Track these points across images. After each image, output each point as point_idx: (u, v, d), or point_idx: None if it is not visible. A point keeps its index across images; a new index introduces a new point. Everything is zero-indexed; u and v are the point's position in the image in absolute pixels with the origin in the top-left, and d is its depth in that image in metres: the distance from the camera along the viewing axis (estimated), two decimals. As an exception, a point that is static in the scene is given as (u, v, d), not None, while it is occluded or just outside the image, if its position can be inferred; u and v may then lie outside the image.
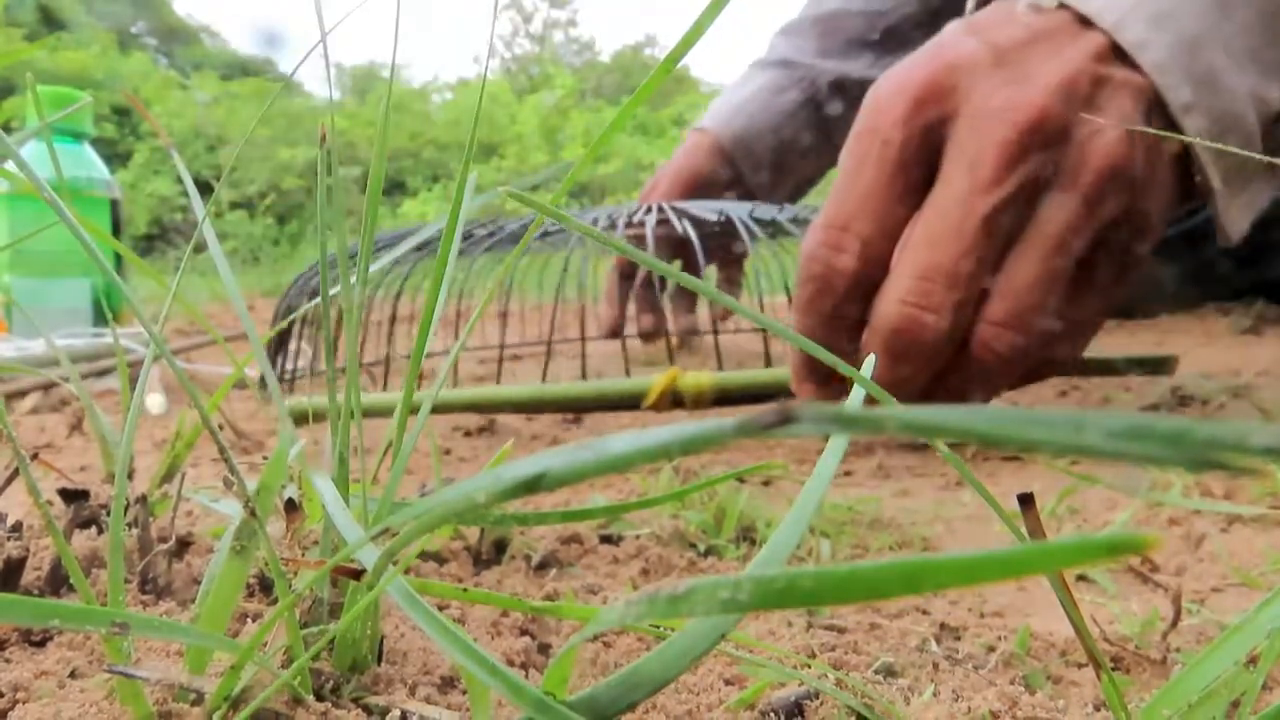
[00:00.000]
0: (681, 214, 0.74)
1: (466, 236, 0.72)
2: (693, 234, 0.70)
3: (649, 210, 0.77)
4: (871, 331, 0.54)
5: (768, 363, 0.66)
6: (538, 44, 10.64)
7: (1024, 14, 0.55)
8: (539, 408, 0.62)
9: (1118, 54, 0.53)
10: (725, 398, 0.62)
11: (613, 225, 0.72)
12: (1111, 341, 1.04)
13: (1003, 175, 0.51)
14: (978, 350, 0.53)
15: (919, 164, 0.54)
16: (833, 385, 0.58)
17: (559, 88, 7.23)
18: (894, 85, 0.55)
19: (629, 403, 0.62)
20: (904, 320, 0.52)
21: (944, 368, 0.54)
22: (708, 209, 0.76)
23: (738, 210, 0.74)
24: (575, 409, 0.64)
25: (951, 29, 0.57)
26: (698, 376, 0.60)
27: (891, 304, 0.52)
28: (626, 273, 1.08)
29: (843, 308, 0.55)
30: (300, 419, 0.56)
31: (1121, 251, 0.55)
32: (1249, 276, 1.14)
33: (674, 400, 0.61)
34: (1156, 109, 0.52)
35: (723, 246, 0.71)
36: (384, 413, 0.57)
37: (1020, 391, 0.74)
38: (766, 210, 0.77)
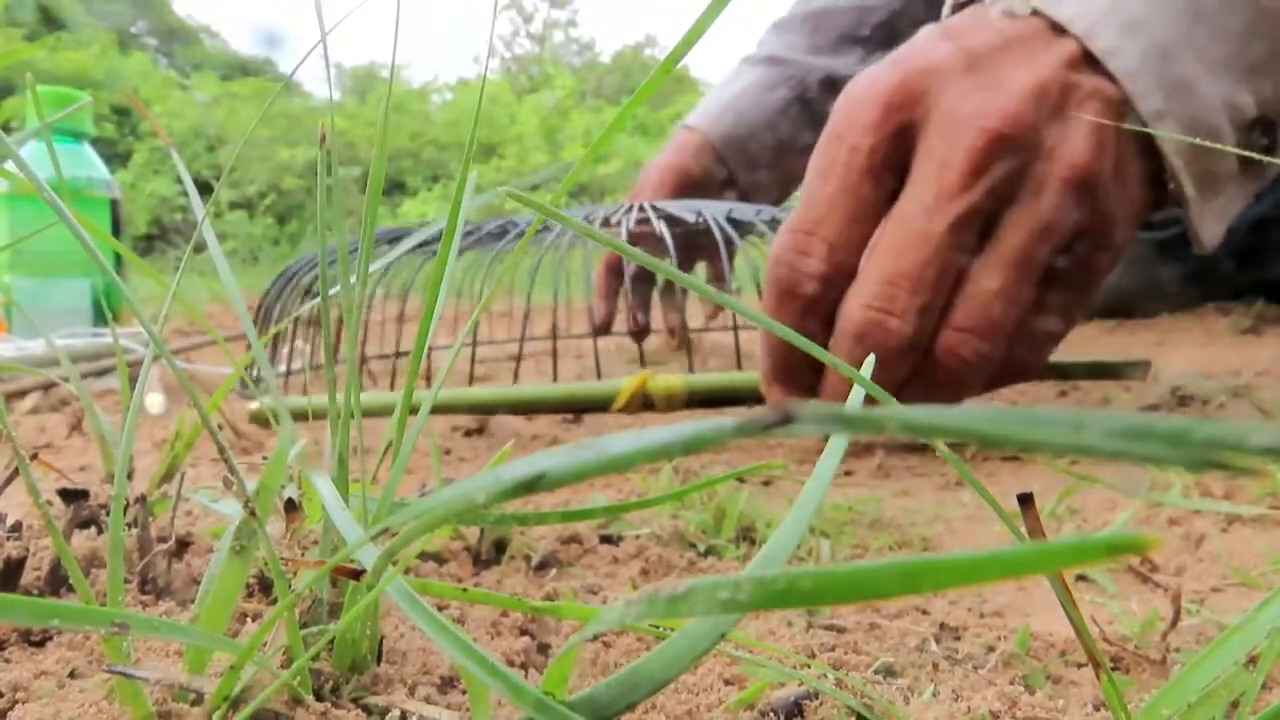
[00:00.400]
0: (660, 213, 0.74)
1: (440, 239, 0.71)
2: (666, 234, 0.70)
3: (628, 210, 0.77)
4: (837, 336, 0.54)
5: (738, 363, 0.65)
6: (538, 44, 10.64)
7: (998, 20, 0.55)
8: (507, 410, 0.60)
9: (1089, 61, 0.52)
10: (697, 400, 0.62)
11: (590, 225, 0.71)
12: (1112, 341, 1.05)
13: (970, 181, 0.51)
14: (943, 356, 0.53)
15: (888, 169, 0.54)
16: (802, 387, 0.58)
17: (559, 88, 7.23)
18: (864, 90, 0.55)
19: (598, 406, 0.61)
20: (868, 325, 0.52)
21: (910, 373, 0.54)
22: (687, 209, 0.75)
23: (714, 211, 0.73)
24: (543, 411, 0.63)
25: (925, 33, 0.57)
26: (668, 379, 0.60)
27: (856, 309, 0.52)
28: (616, 269, 1.07)
29: (810, 312, 0.55)
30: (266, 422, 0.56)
31: (1088, 259, 0.55)
32: (1249, 276, 1.14)
33: (645, 403, 0.60)
34: (1128, 117, 0.52)
35: (713, 245, 0.70)
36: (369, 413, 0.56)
37: (1019, 392, 0.74)
38: (745, 210, 0.76)
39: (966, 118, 0.51)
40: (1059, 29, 0.53)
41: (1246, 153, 0.38)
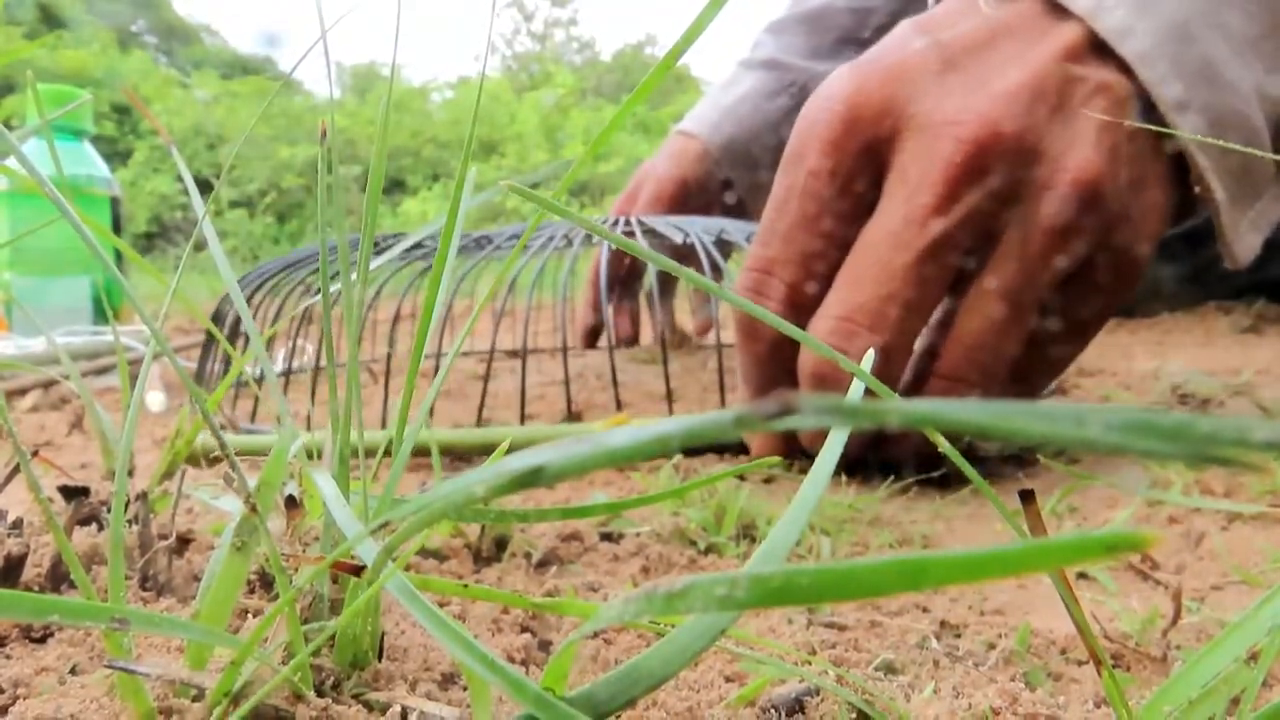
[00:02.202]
0: (646, 229, 0.73)
1: (417, 246, 0.71)
2: (642, 241, 0.69)
3: (614, 224, 0.76)
4: (800, 373, 0.49)
5: (721, 386, 0.63)
6: (539, 43, 10.64)
7: (986, 6, 0.47)
8: (475, 452, 0.55)
9: (1096, 48, 0.46)
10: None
11: (569, 243, 0.70)
12: (1112, 341, 1.05)
13: (944, 204, 0.44)
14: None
15: (855, 194, 0.47)
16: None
17: (559, 86, 7.23)
18: (824, 101, 0.48)
19: None
20: (821, 364, 0.46)
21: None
22: (674, 226, 0.73)
23: (702, 229, 0.72)
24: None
25: (900, 28, 0.50)
26: (644, 422, 0.57)
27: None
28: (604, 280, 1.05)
29: (775, 351, 0.50)
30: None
31: (1101, 286, 0.48)
32: (1249, 275, 1.14)
33: None
34: (1145, 112, 0.45)
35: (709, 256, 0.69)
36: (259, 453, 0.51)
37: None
38: (735, 232, 0.74)
39: (941, 127, 0.44)
40: (1059, 10, 0.46)
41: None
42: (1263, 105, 0.47)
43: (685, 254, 0.68)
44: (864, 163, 0.47)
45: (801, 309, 0.48)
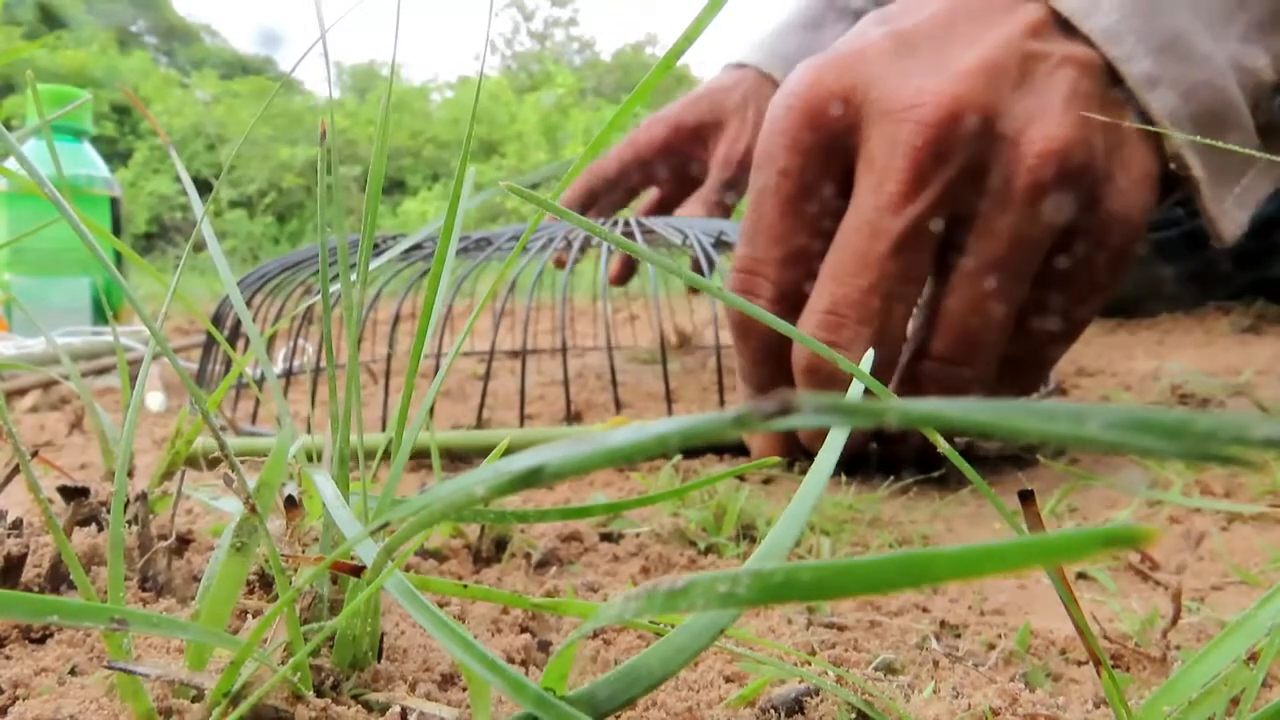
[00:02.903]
0: (647, 231, 0.72)
1: (416, 248, 0.70)
2: (640, 237, 0.68)
3: (614, 224, 0.76)
4: (794, 369, 0.49)
5: (720, 386, 0.63)
6: (539, 42, 10.64)
7: None
8: (475, 453, 0.55)
9: (1061, 25, 0.45)
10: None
11: (569, 244, 0.70)
12: (1112, 341, 1.05)
13: (913, 189, 0.44)
14: (925, 386, 0.48)
15: (828, 185, 0.47)
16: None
17: (560, 86, 7.23)
18: (784, 99, 0.47)
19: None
20: (814, 358, 0.47)
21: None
22: (673, 226, 0.73)
23: (701, 230, 0.71)
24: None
25: (862, 21, 0.50)
26: (644, 423, 0.57)
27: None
28: (624, 278, 1.04)
29: (771, 348, 0.50)
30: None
31: (1090, 254, 0.47)
32: (1249, 276, 1.14)
33: None
34: (1114, 87, 0.44)
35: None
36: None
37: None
38: (735, 232, 0.73)
39: (902, 111, 0.44)
40: None
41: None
42: (1238, 77, 0.46)
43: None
44: (831, 155, 0.47)
45: (791, 304, 0.48)
